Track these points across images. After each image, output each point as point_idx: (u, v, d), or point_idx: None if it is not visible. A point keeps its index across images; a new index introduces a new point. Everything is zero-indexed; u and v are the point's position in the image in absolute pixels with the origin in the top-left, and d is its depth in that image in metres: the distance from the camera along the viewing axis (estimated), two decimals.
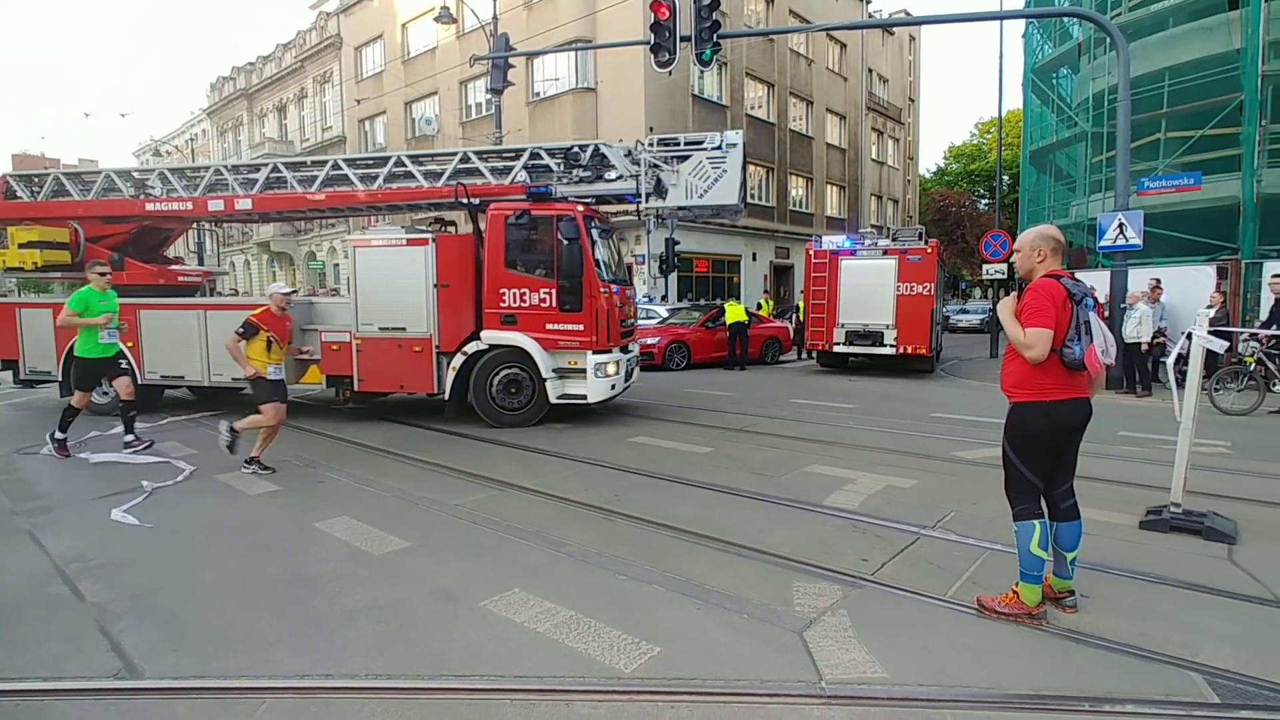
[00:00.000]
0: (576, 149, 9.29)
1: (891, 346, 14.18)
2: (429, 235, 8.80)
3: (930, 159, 61.53)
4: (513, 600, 3.63)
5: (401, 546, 4.44)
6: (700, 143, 9.05)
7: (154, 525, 4.91)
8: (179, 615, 3.53)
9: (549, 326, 8.55)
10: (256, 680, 2.93)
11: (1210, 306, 10.96)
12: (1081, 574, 3.57)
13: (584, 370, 8.53)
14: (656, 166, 8.97)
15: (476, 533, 4.74)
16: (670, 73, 12.88)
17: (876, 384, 13.50)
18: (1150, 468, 6.25)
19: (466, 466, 6.56)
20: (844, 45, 32.43)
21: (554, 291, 8.46)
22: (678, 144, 9.09)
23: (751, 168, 26.60)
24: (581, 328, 8.49)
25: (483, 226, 8.86)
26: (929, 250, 14.22)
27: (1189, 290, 12.41)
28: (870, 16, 33.40)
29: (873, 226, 31.97)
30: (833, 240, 15.27)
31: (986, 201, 44.56)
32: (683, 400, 10.97)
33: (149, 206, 10.37)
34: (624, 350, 9.08)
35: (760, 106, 27.55)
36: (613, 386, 8.79)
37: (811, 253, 15.18)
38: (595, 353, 8.52)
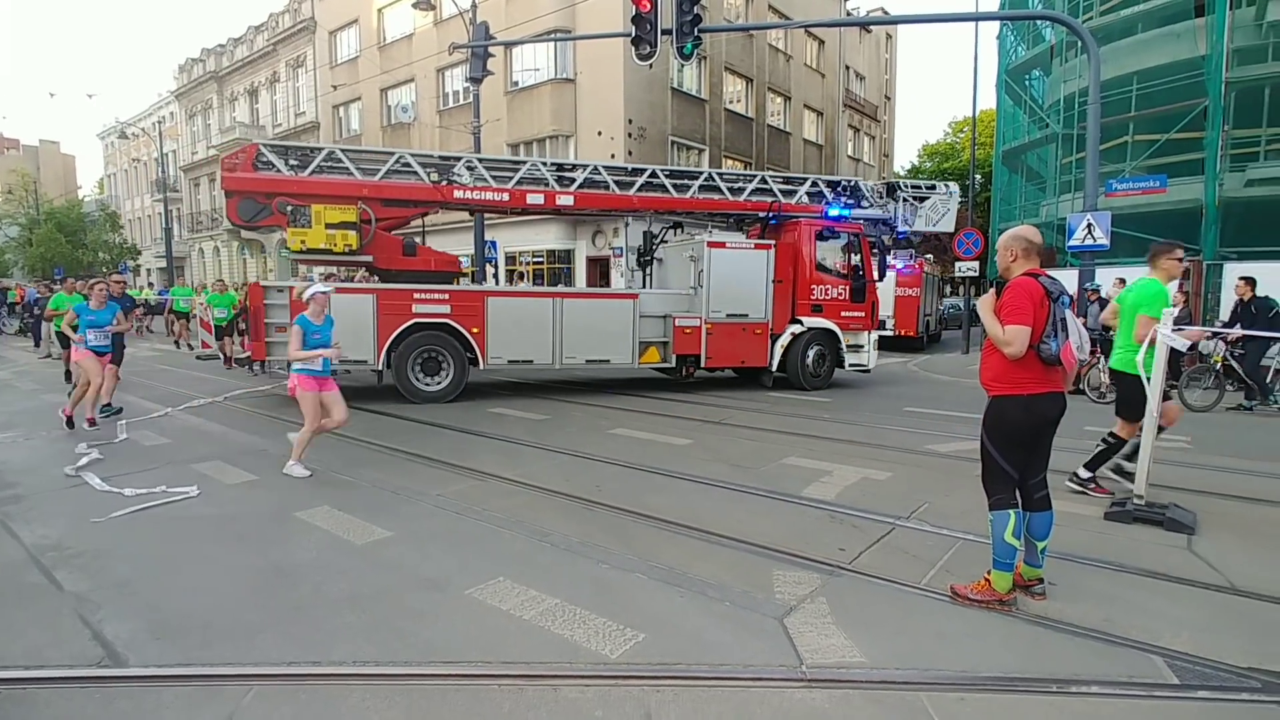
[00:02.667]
0: (844, 182, 12.70)
1: (891, 330, 19.32)
2: (771, 241, 11.39)
3: (905, 156, 62.08)
4: (498, 589, 3.66)
5: (384, 536, 4.44)
6: (934, 187, 13.18)
7: (130, 515, 4.85)
8: (160, 604, 3.51)
9: (843, 313, 11.64)
10: (243, 667, 2.93)
11: (1174, 306, 11.30)
12: (1049, 562, 3.69)
13: (857, 346, 11.82)
14: (907, 201, 12.60)
15: (459, 522, 4.76)
16: (651, 65, 12.87)
17: (851, 378, 13.69)
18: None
19: (447, 457, 6.56)
20: (822, 42, 32.61)
21: (848, 287, 11.67)
22: (920, 188, 13.07)
23: (729, 161, 26.71)
24: (863, 314, 11.80)
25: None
26: (916, 266, 20.18)
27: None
28: (848, 14, 33.64)
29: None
30: None
31: (959, 200, 45.17)
32: (658, 393, 11.04)
33: (457, 194, 10.57)
34: None
35: (739, 101, 27.64)
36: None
37: None
38: (870, 332, 11.89)
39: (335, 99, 30.35)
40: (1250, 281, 10.68)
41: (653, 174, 11.63)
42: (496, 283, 19.92)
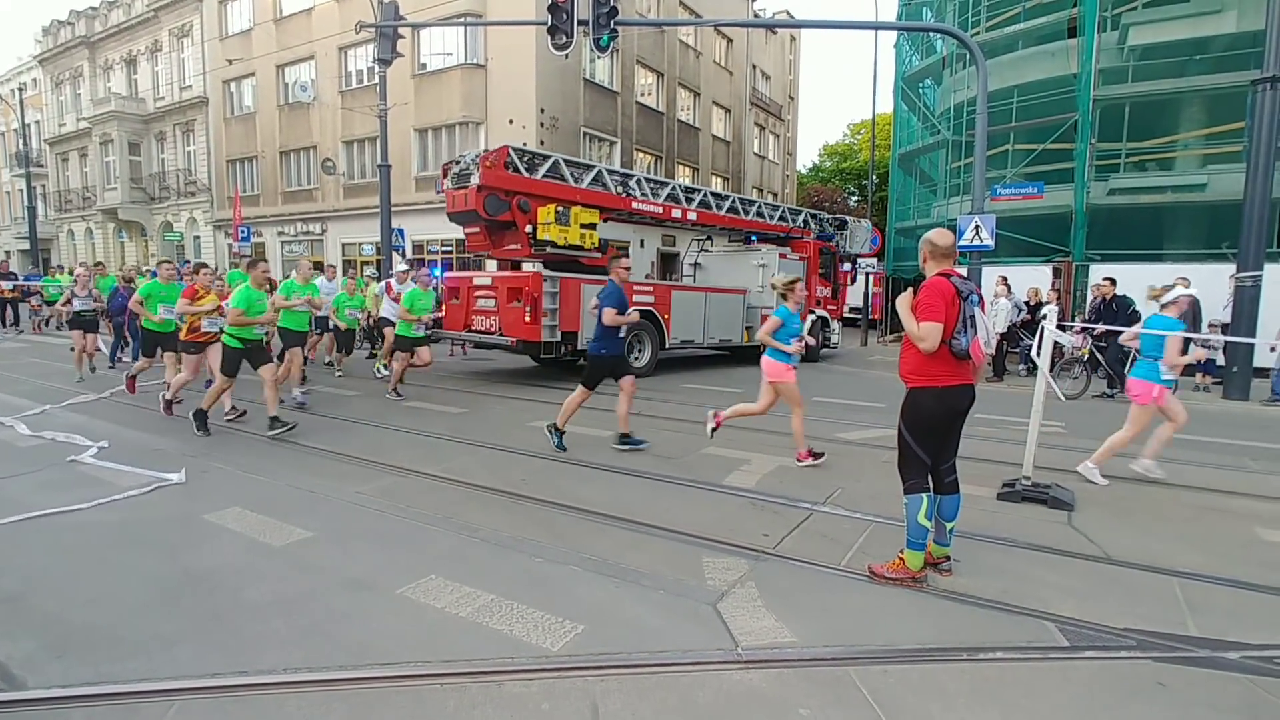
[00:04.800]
0: (820, 216, 17.61)
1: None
2: (807, 254, 15.76)
3: (806, 155, 64.23)
4: (430, 586, 3.61)
5: (304, 537, 4.28)
6: (860, 223, 18.55)
7: (15, 525, 4.44)
8: (59, 619, 3.25)
9: (828, 306, 16.36)
10: (161, 682, 2.77)
11: (1046, 302, 12.34)
12: (953, 541, 4.00)
13: (831, 329, 16.39)
14: (849, 231, 17.80)
15: (382, 520, 4.64)
16: (566, 55, 12.80)
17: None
18: (1001, 445, 7.01)
19: (363, 453, 6.35)
20: (730, 40, 33.27)
21: (829, 288, 16.60)
22: (852, 226, 18.17)
23: (640, 155, 26.89)
24: (836, 307, 16.89)
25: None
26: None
27: (1027, 287, 14.00)
28: (756, 15, 34.46)
29: None
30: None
31: (856, 198, 47.31)
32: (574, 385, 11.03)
33: (634, 205, 12.76)
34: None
35: (650, 94, 27.82)
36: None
37: None
38: (837, 320, 16.77)
39: (227, 74, 28.37)
40: (1112, 281, 11.81)
41: (734, 201, 14.91)
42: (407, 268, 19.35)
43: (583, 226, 11.37)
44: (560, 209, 11.10)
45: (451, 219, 11.68)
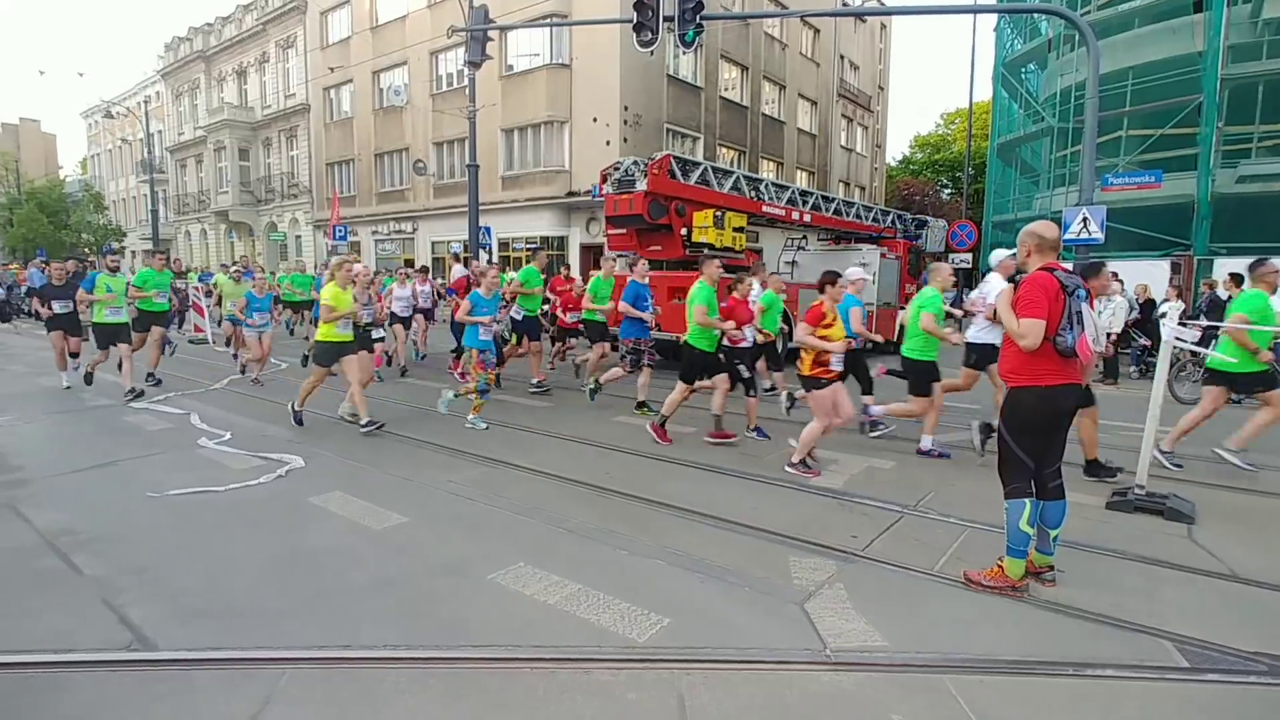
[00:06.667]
0: (906, 215, 18.17)
1: None
2: (900, 253, 16.04)
3: (896, 147, 61.97)
4: (520, 574, 3.71)
5: (400, 521, 4.47)
6: (940, 224, 19.01)
7: (142, 500, 4.85)
8: (183, 589, 3.53)
9: None
10: (274, 651, 2.97)
11: (1166, 300, 11.46)
12: (1057, 550, 3.78)
13: None
14: (929, 230, 18.14)
15: (474, 508, 4.80)
16: (651, 52, 12.83)
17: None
18: (1112, 452, 6.56)
19: (454, 444, 6.58)
20: (817, 31, 32.51)
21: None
22: (931, 224, 18.55)
23: (723, 150, 26.68)
24: None
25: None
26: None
27: (1134, 284, 13.08)
28: (844, 4, 33.52)
29: None
30: None
31: (950, 191, 45.35)
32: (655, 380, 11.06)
33: (765, 209, 13.55)
34: None
35: (734, 89, 27.54)
36: None
37: None
38: None
39: (327, 81, 29.93)
40: (1237, 280, 10.82)
41: (838, 203, 15.70)
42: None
43: (734, 230, 12.15)
44: (718, 214, 11.85)
45: (610, 221, 12.28)
